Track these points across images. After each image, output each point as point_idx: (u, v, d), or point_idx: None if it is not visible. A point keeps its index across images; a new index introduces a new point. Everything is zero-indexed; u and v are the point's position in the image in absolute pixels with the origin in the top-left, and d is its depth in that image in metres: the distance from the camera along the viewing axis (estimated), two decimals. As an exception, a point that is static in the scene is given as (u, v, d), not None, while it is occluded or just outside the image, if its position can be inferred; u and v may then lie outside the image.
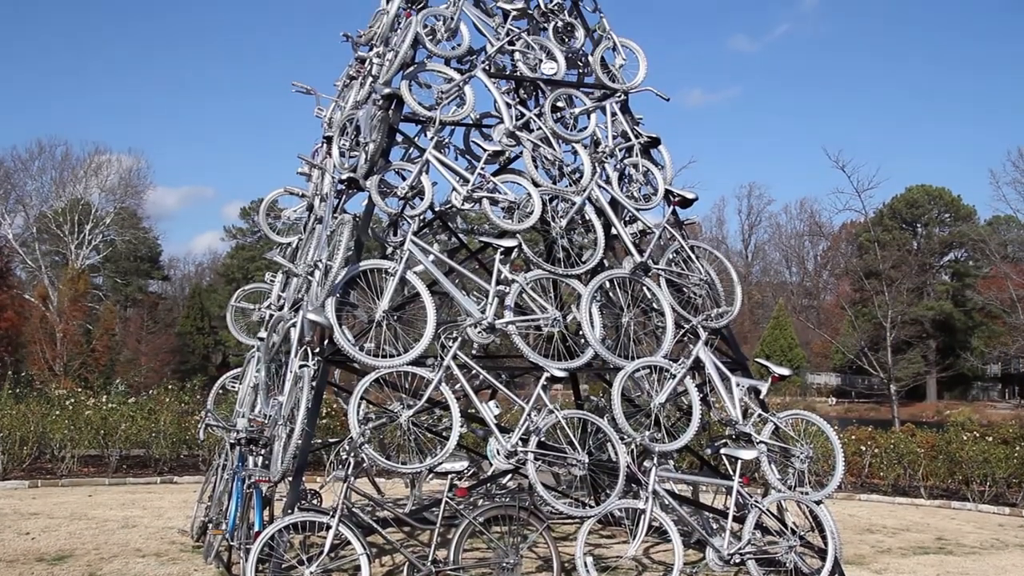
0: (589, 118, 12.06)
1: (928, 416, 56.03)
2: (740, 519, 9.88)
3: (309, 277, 9.99)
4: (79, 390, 25.99)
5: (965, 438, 19.79)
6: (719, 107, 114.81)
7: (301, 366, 9.47)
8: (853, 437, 20.66)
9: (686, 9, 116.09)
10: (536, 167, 11.31)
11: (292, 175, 12.97)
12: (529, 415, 9.67)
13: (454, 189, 10.69)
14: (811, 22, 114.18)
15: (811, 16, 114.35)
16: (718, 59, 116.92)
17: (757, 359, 12.24)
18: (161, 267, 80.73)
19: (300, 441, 9.03)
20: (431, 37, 11.46)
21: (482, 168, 10.91)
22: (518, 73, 12.05)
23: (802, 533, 10.15)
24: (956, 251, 75.55)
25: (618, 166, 11.97)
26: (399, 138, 11.60)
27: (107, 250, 65.36)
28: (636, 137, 12.18)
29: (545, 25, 12.49)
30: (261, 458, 9.62)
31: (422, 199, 10.56)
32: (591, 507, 10.30)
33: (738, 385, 10.88)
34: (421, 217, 10.86)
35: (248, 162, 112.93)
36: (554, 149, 11.52)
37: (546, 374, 9.94)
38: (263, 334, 11.55)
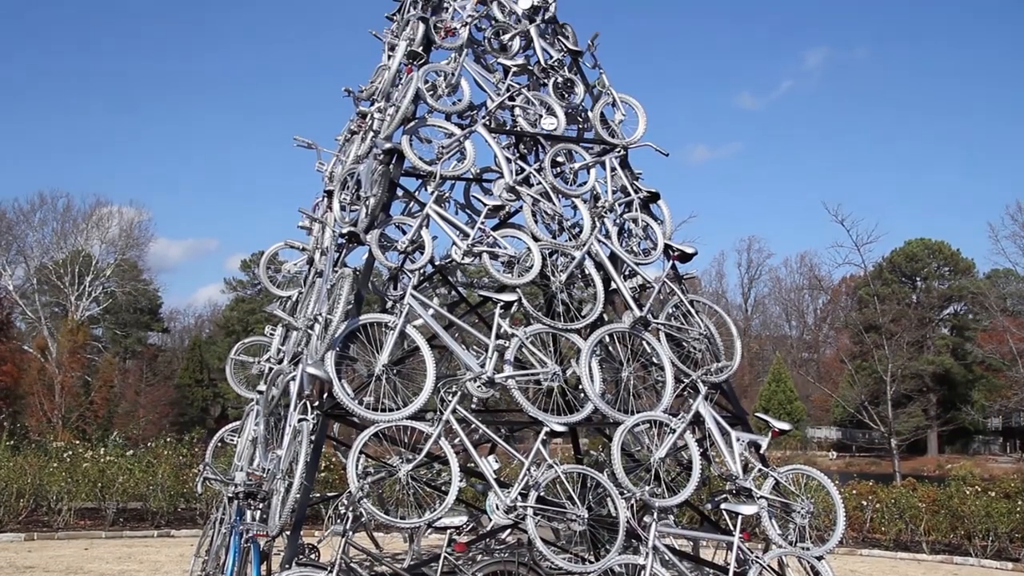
0: (589, 173, 12.11)
1: (929, 470, 55.73)
2: (741, 575, 9.81)
3: (309, 331, 10.00)
4: (77, 442, 25.91)
5: (967, 492, 19.70)
6: (722, 162, 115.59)
7: (300, 420, 9.44)
8: (854, 491, 20.58)
9: (693, 67, 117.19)
10: (536, 221, 11.37)
11: (294, 228, 13.02)
12: (528, 470, 9.63)
13: (454, 243, 10.72)
14: (814, 79, 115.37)
15: (814, 73, 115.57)
16: (722, 116, 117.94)
17: (757, 413, 12.22)
18: (161, 319, 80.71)
19: (299, 495, 8.99)
20: (432, 92, 11.55)
21: (482, 222, 10.95)
22: (518, 128, 12.14)
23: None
24: (956, 304, 75.60)
25: (617, 220, 12.03)
26: (400, 192, 11.66)
27: (107, 302, 65.37)
28: (635, 192, 12.25)
29: (545, 81, 12.58)
30: (259, 512, 9.58)
31: (422, 253, 10.59)
32: (591, 562, 10.22)
33: (738, 440, 10.85)
34: (421, 271, 10.89)
35: (252, 214, 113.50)
36: (554, 203, 11.57)
37: (546, 428, 9.91)
38: (262, 387, 11.54)
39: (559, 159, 12.12)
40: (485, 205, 11.06)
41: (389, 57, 12.69)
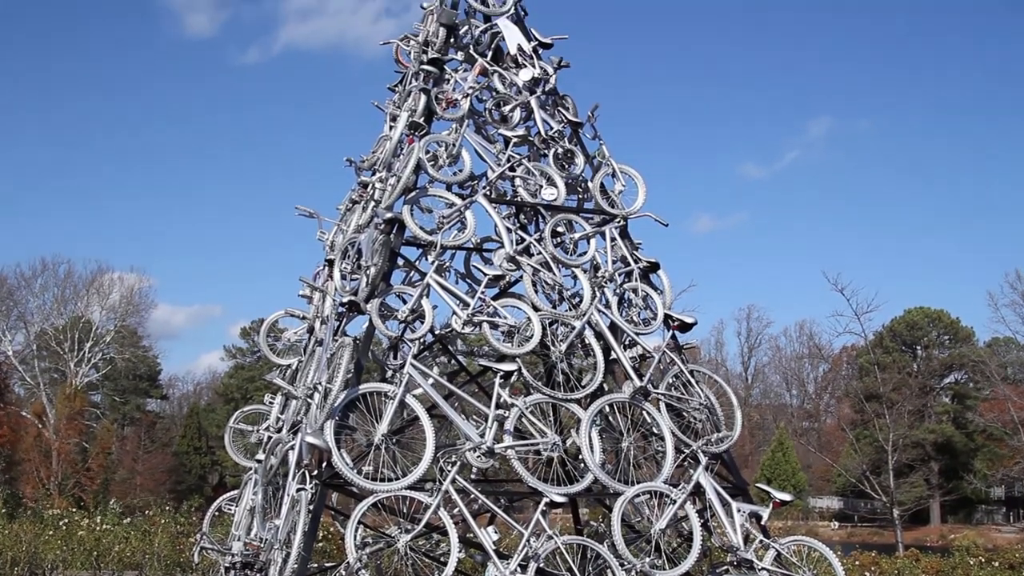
0: (589, 243, 12.18)
1: (932, 540, 55.23)
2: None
3: (308, 399, 9.99)
4: (73, 510, 25.74)
5: (971, 563, 19.55)
6: (725, 232, 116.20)
7: (299, 489, 9.41)
8: (856, 563, 20.39)
9: (700, 137, 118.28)
10: (536, 291, 11.41)
11: (295, 296, 13.04)
12: (528, 540, 9.58)
13: (454, 313, 10.76)
14: (818, 149, 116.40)
15: (818, 143, 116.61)
16: (727, 186, 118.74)
17: (758, 484, 12.18)
18: (160, 386, 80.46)
19: (296, 566, 8.93)
20: (433, 163, 11.63)
21: (482, 292, 11.00)
22: (519, 198, 12.22)
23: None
24: (956, 373, 75.42)
25: (617, 291, 12.06)
26: (400, 261, 11.72)
27: (106, 368, 65.23)
28: (635, 262, 12.31)
29: (545, 151, 12.68)
30: (256, 583, 9.50)
31: (422, 322, 10.63)
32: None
33: (739, 510, 10.80)
34: (421, 340, 10.92)
35: (256, 282, 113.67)
36: (554, 273, 11.63)
37: (545, 499, 9.88)
38: (261, 456, 11.50)
39: (559, 229, 12.19)
40: (485, 275, 11.11)
41: (391, 127, 12.81)
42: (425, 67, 12.32)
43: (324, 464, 9.84)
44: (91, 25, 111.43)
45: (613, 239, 12.38)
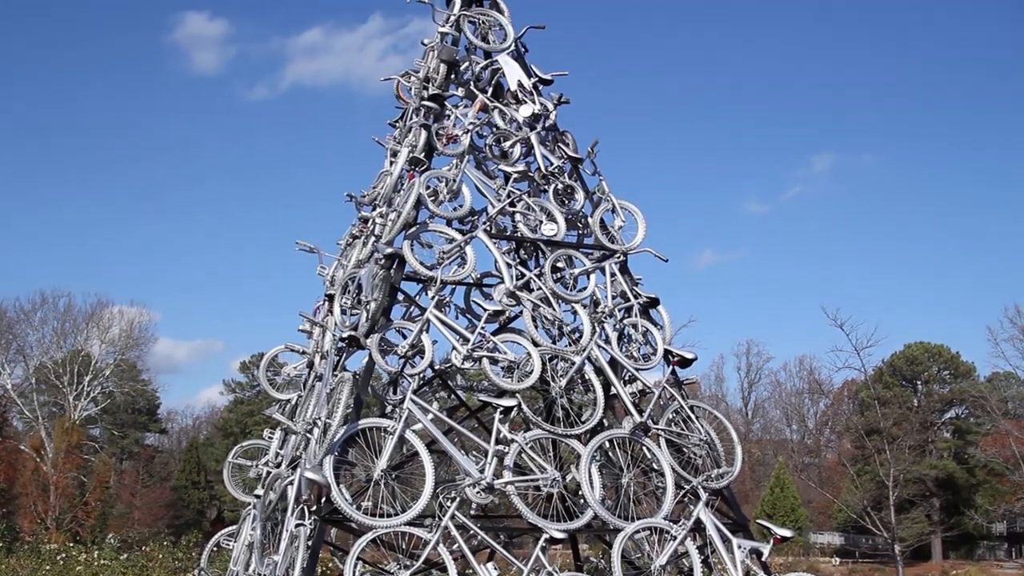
0: (589, 278, 12.20)
1: (934, 577, 54.97)
2: None
3: (308, 434, 9.98)
4: (70, 544, 25.63)
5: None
6: (727, 267, 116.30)
7: (297, 525, 9.38)
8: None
9: (704, 174, 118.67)
10: (536, 327, 11.43)
11: (295, 331, 13.06)
12: (528, 577, 9.53)
13: (454, 348, 10.77)
14: (820, 183, 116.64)
15: (820, 178, 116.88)
16: (730, 221, 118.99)
17: (759, 520, 12.15)
18: (159, 420, 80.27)
19: (294, 603, 8.88)
20: (433, 198, 11.67)
21: (482, 327, 11.01)
22: (519, 234, 12.25)
23: None
24: (957, 408, 75.22)
25: (617, 326, 12.08)
26: (400, 297, 11.74)
27: (105, 402, 65.13)
28: (635, 297, 12.33)
29: (545, 187, 12.72)
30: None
31: (422, 357, 10.64)
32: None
33: (740, 547, 10.76)
34: (421, 375, 10.92)
35: (259, 316, 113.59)
36: (554, 309, 11.65)
37: (545, 535, 9.85)
38: (260, 491, 11.47)
39: (559, 265, 12.22)
40: (485, 310, 11.13)
41: (391, 163, 12.86)
42: (426, 103, 12.38)
43: (323, 499, 9.81)
44: (97, 59, 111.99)
45: (613, 275, 12.40)
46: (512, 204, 12.29)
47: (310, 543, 9.37)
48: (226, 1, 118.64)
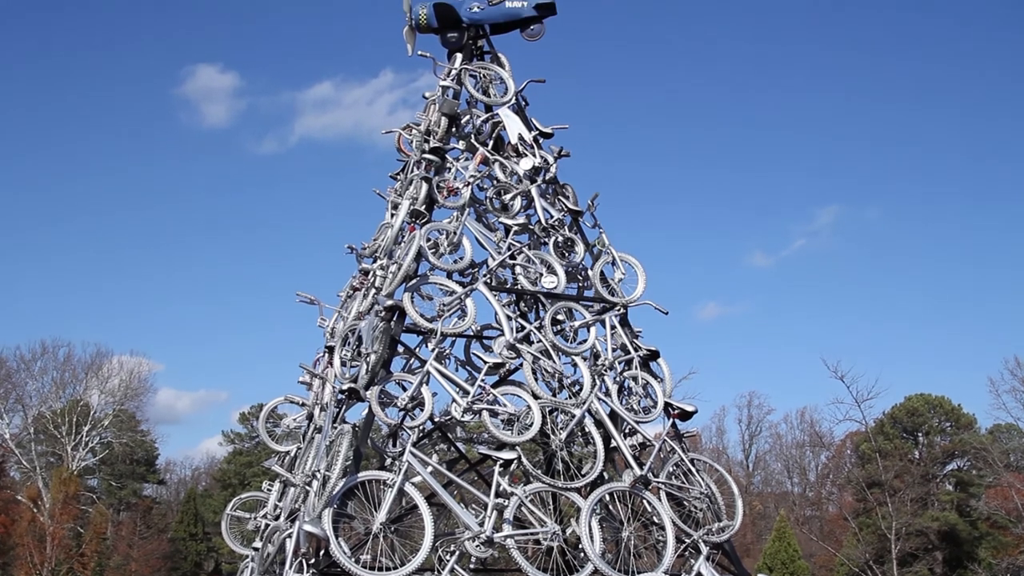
0: (589, 331, 12.23)
1: (937, 632, 54.43)
2: None
3: (306, 487, 9.95)
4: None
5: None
6: (731, 319, 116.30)
7: (296, 578, 9.33)
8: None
9: (710, 228, 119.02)
10: (536, 379, 11.44)
11: (296, 382, 13.04)
12: (527, 632, 9.46)
13: (454, 400, 10.76)
14: (824, 237, 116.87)
15: (824, 231, 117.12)
16: (735, 274, 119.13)
17: (760, 574, 12.07)
18: (157, 471, 79.86)
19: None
20: (434, 250, 11.72)
21: (482, 380, 11.01)
22: (519, 286, 12.29)
23: None
24: (958, 460, 74.82)
25: (618, 378, 12.09)
26: (400, 349, 11.75)
27: (103, 452, 64.87)
28: (635, 350, 12.34)
29: (546, 240, 12.78)
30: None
31: (422, 410, 10.63)
32: None
33: (741, 602, 10.69)
34: (421, 428, 10.90)
35: (262, 368, 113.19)
36: (554, 361, 11.66)
37: (545, 590, 9.78)
38: (258, 544, 11.41)
39: (559, 317, 12.24)
40: (485, 362, 11.14)
41: (392, 215, 12.92)
42: (427, 156, 12.48)
43: (322, 552, 9.76)
44: (105, 108, 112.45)
45: (613, 327, 12.42)
46: (512, 256, 12.34)
47: (308, 597, 9.30)
48: (238, 54, 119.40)
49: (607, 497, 11.14)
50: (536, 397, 11.14)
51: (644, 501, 11.17)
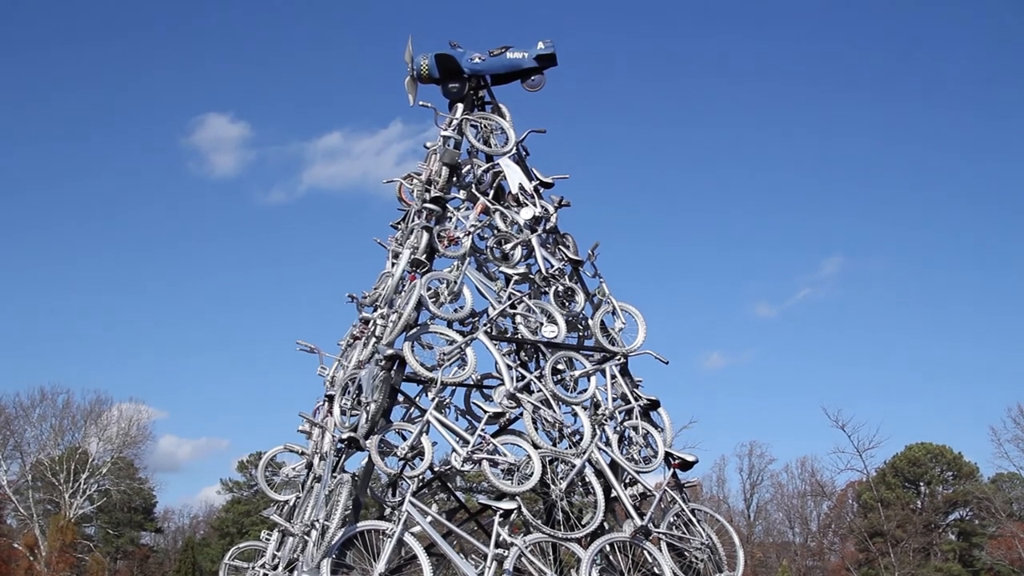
0: (589, 380, 12.22)
1: None
2: None
3: (305, 536, 9.92)
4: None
5: None
6: (734, 369, 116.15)
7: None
8: None
9: (715, 278, 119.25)
10: (536, 429, 11.41)
11: (296, 431, 13.01)
12: None
13: (454, 450, 10.74)
14: (828, 287, 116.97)
15: (828, 281, 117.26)
16: (739, 324, 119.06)
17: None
18: (155, 519, 79.36)
19: None
20: (434, 300, 11.75)
21: (482, 429, 11.00)
22: (519, 336, 12.30)
23: None
24: (961, 510, 74.45)
25: (618, 428, 12.07)
26: (400, 398, 11.74)
27: (101, 500, 64.52)
28: (636, 399, 12.33)
29: (546, 289, 12.81)
30: None
31: (422, 459, 10.60)
32: None
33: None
34: (420, 477, 10.87)
35: (265, 416, 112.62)
36: (554, 411, 11.64)
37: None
38: (257, 594, 11.34)
39: (560, 366, 12.24)
40: (486, 412, 11.14)
41: (392, 264, 12.96)
42: (428, 205, 12.54)
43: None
44: (113, 157, 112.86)
45: (614, 376, 12.42)
46: (513, 306, 12.36)
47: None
48: (248, 104, 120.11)
49: (607, 547, 11.09)
50: (536, 447, 11.12)
51: (645, 552, 11.11)
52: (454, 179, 13.36)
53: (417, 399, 12.09)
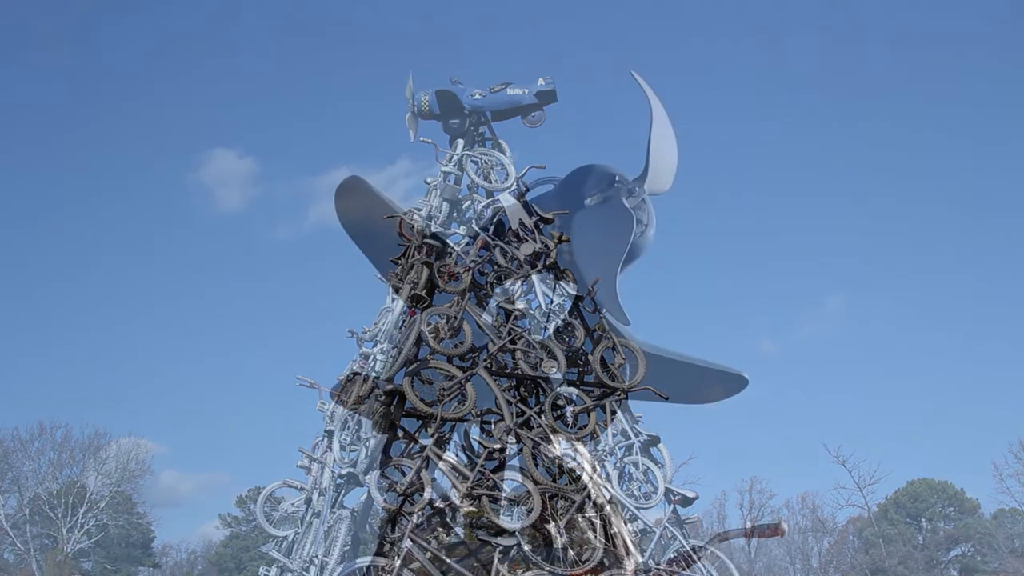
0: (589, 416, 12.18)
1: None
2: None
3: (304, 572, 9.89)
4: None
5: None
6: (737, 404, 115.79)
7: (292, 668, 9.22)
8: None
9: (721, 315, 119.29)
10: (536, 464, 11.36)
11: (294, 466, 12.97)
12: None
13: (454, 485, 10.70)
14: (833, 323, 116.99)
15: (833, 317, 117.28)
16: (742, 359, 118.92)
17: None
18: (152, 554, 78.92)
19: None
20: (434, 335, 11.74)
21: (482, 464, 10.96)
22: (519, 371, 12.27)
23: None
24: (963, 545, 74.08)
25: (618, 464, 12.04)
26: (400, 433, 11.71)
27: (99, 535, 64.18)
28: (636, 435, 12.30)
29: (546, 324, 12.79)
30: None
31: (421, 495, 10.56)
32: None
33: None
34: (420, 513, 10.82)
35: (266, 451, 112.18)
36: (554, 446, 11.60)
37: None
38: (254, 632, 11.28)
39: (560, 402, 12.21)
40: (485, 447, 11.10)
41: (393, 299, 12.99)
42: (428, 240, 12.55)
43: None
44: (119, 193, 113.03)
45: (613, 412, 12.38)
46: (513, 341, 12.35)
47: None
48: (257, 139, 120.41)
49: (607, 584, 11.03)
50: (536, 482, 11.08)
51: (645, 589, 11.06)
52: (454, 214, 13.41)
53: (417, 434, 12.06)
